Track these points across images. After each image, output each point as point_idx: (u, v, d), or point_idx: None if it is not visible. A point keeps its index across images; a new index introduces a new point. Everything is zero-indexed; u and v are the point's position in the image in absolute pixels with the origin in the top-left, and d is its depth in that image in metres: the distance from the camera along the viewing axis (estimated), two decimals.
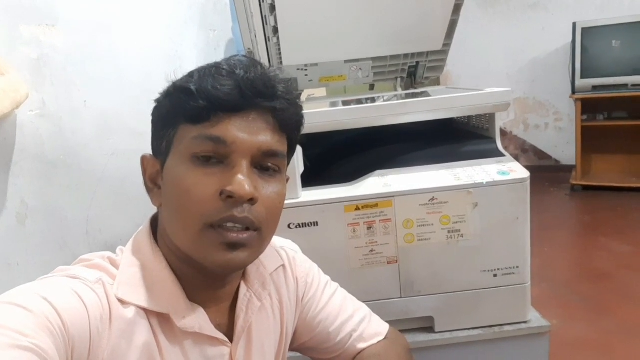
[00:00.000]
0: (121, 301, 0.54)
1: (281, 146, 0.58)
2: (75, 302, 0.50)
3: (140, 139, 1.51)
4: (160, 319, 0.57)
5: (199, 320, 0.58)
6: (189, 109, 0.54)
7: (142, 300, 0.55)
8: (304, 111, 0.63)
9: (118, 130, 1.52)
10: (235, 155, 0.54)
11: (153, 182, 0.60)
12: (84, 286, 0.52)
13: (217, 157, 0.54)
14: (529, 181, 1.05)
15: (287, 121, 0.58)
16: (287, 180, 0.63)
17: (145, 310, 0.56)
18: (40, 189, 1.23)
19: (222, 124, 0.53)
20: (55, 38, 1.31)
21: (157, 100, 0.59)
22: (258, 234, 0.55)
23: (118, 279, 0.56)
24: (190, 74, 0.56)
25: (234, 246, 0.54)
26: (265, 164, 0.56)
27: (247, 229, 0.54)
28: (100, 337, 0.51)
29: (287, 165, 0.62)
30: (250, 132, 0.54)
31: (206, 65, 0.57)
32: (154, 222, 0.62)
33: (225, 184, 0.52)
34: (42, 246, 1.22)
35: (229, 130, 0.53)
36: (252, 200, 0.53)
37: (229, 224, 0.53)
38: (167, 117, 0.57)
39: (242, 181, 0.52)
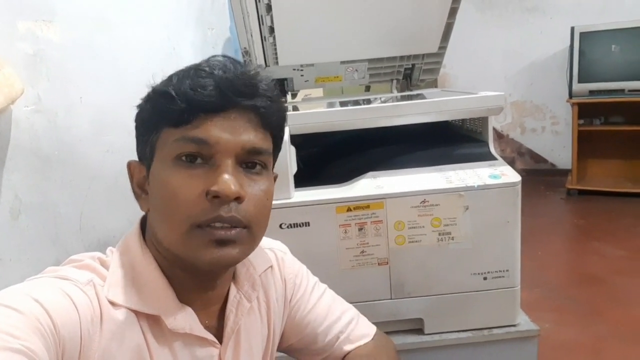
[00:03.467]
0: (112, 303, 0.54)
1: (265, 143, 0.58)
2: (66, 303, 0.50)
3: None
4: (150, 321, 0.57)
5: (189, 320, 0.58)
6: (170, 112, 0.54)
7: (132, 302, 0.55)
8: (300, 112, 0.64)
9: (114, 128, 1.52)
10: (219, 155, 0.54)
11: (140, 188, 0.60)
12: (75, 287, 0.53)
13: (202, 158, 0.54)
14: (520, 185, 1.06)
15: (270, 118, 0.58)
16: (276, 177, 0.64)
17: (135, 312, 0.56)
18: (34, 185, 1.23)
19: (203, 125, 0.53)
20: (52, 34, 1.31)
21: (139, 106, 0.59)
22: (248, 231, 0.56)
23: (108, 280, 0.56)
24: (170, 78, 0.56)
25: (223, 243, 0.54)
26: (251, 162, 0.57)
27: (235, 226, 0.54)
28: (91, 339, 0.51)
29: (274, 163, 0.62)
30: (232, 132, 0.54)
31: (185, 67, 0.57)
32: (144, 223, 0.62)
33: (211, 184, 0.52)
34: (35, 242, 1.22)
35: (211, 131, 0.53)
36: (238, 199, 0.53)
37: (217, 224, 0.53)
38: (149, 122, 0.57)
39: (227, 180, 0.52)
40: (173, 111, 0.53)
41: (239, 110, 0.55)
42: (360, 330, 0.77)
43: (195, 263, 0.55)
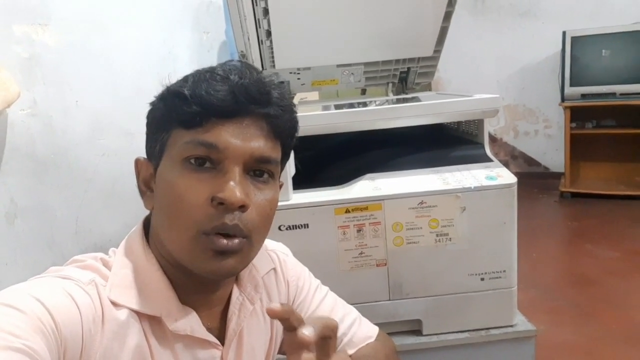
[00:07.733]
0: (114, 303, 0.54)
1: (274, 152, 0.58)
2: (68, 303, 0.50)
3: (132, 140, 1.51)
4: (151, 322, 0.57)
5: (190, 322, 0.58)
6: (183, 113, 0.54)
7: (134, 302, 0.55)
8: (298, 114, 0.64)
9: (109, 131, 1.52)
10: (228, 161, 0.54)
11: (146, 186, 0.60)
12: (77, 287, 0.52)
13: (210, 162, 0.54)
14: (516, 186, 1.07)
15: (281, 127, 0.58)
16: (281, 186, 0.63)
17: (137, 312, 0.56)
18: (30, 189, 1.23)
19: (215, 129, 0.53)
20: (48, 37, 1.31)
21: (152, 104, 0.59)
22: (247, 240, 0.55)
23: (110, 281, 0.56)
24: (185, 79, 0.56)
25: (223, 253, 0.54)
26: (258, 170, 0.56)
27: (238, 236, 0.54)
28: (93, 339, 0.51)
29: (281, 171, 0.62)
30: (243, 138, 0.54)
31: (201, 69, 0.57)
32: (147, 224, 0.62)
33: (217, 190, 0.52)
34: (31, 246, 1.22)
35: (222, 136, 0.53)
36: (243, 207, 0.53)
37: (220, 232, 0.53)
38: (161, 121, 0.57)
39: (234, 188, 0.52)
40: (186, 112, 0.53)
41: (251, 117, 0.55)
42: (363, 332, 0.77)
43: (194, 270, 0.55)
